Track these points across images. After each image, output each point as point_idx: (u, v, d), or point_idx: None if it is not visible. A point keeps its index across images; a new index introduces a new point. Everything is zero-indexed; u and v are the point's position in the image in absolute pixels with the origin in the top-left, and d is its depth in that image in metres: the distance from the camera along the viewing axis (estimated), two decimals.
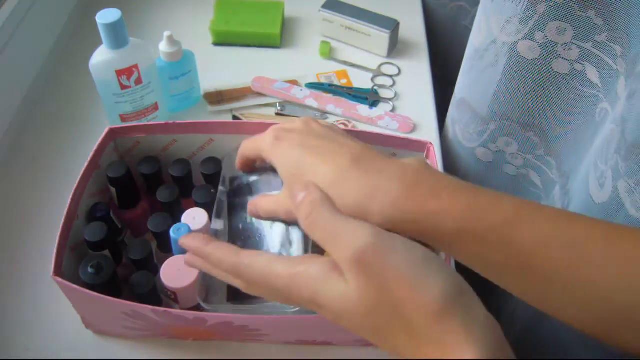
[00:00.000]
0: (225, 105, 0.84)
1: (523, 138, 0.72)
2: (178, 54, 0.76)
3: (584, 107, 0.63)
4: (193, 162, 0.65)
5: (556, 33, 0.59)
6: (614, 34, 0.55)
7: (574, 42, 0.59)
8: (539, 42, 0.61)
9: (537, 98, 0.66)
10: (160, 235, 0.59)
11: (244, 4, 0.97)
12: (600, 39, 0.57)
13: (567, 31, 0.59)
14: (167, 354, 0.59)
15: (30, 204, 0.71)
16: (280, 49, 0.95)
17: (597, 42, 0.58)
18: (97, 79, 0.70)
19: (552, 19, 0.58)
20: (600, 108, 0.60)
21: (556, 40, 0.60)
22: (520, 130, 0.71)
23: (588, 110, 0.63)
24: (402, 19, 0.93)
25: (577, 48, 0.60)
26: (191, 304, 0.57)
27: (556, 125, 0.68)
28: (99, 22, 0.65)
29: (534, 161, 0.74)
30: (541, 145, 0.71)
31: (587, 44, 0.59)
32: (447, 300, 0.31)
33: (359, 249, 0.32)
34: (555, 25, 0.59)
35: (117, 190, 0.63)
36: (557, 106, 0.66)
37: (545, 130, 0.69)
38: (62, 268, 0.53)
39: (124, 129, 0.64)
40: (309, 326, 0.56)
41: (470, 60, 0.74)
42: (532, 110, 0.68)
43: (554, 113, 0.67)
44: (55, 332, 0.60)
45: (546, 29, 0.60)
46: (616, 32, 0.55)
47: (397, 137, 0.63)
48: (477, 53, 0.71)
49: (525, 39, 0.61)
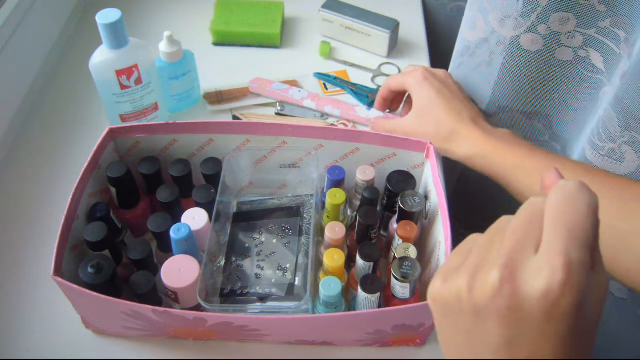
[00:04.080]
0: (225, 105, 0.84)
1: (527, 126, 0.72)
2: (178, 54, 0.76)
3: (588, 91, 0.63)
4: (193, 162, 0.65)
5: (559, 23, 0.60)
6: (618, 19, 0.56)
7: (577, 30, 0.60)
8: (542, 34, 0.61)
9: (541, 86, 0.67)
10: (160, 235, 0.59)
11: (244, 4, 0.97)
12: (604, 24, 0.58)
13: (570, 20, 0.59)
14: (167, 354, 0.59)
15: (30, 204, 0.71)
16: (280, 49, 0.95)
17: (600, 28, 0.58)
18: (97, 79, 0.70)
19: (556, 10, 0.59)
20: (603, 92, 0.60)
21: (559, 30, 0.60)
22: (524, 119, 0.71)
23: (592, 95, 0.63)
24: (402, 19, 0.93)
25: (580, 35, 0.60)
26: (191, 304, 0.57)
27: (560, 111, 0.68)
28: (99, 22, 0.65)
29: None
30: (545, 132, 0.71)
31: (590, 30, 0.59)
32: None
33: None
34: (558, 16, 0.59)
35: (117, 190, 0.63)
36: (561, 93, 0.66)
37: (550, 117, 0.69)
38: (62, 268, 0.53)
39: (124, 129, 0.64)
40: (309, 326, 0.56)
41: (460, 57, 0.74)
42: (536, 99, 0.68)
43: (559, 99, 0.67)
44: (55, 332, 0.60)
45: (549, 21, 0.60)
46: (619, 18, 0.56)
47: (397, 137, 0.63)
48: (469, 50, 0.71)
49: (528, 32, 0.62)
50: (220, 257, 0.62)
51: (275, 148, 0.65)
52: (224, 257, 0.62)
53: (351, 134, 0.64)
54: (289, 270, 0.60)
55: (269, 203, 0.67)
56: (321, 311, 0.57)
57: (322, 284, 0.55)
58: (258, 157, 0.66)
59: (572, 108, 0.66)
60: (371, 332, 0.56)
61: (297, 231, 0.63)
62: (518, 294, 0.27)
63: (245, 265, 0.61)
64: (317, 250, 0.61)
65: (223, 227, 0.64)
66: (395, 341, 0.59)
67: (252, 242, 0.63)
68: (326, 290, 0.54)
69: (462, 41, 0.73)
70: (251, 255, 0.62)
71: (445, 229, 0.55)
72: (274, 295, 0.58)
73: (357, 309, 0.58)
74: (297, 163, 0.66)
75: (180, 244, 0.57)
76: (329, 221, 0.61)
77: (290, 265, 0.60)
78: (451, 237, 0.54)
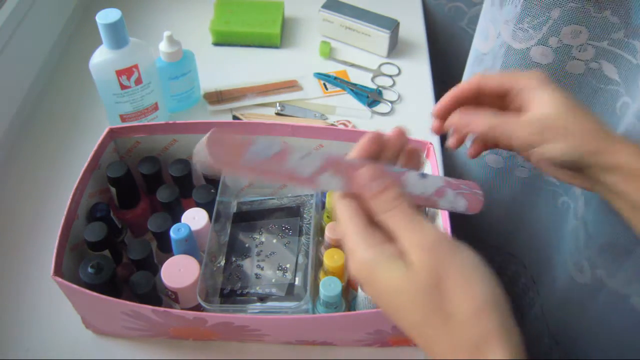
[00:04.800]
0: (225, 105, 0.84)
1: None
2: (178, 54, 0.76)
3: (603, 102, 0.63)
4: (193, 162, 0.65)
5: (571, 36, 0.59)
6: (632, 30, 0.55)
7: (590, 43, 0.59)
8: (553, 47, 0.60)
9: None
10: (160, 235, 0.59)
11: (244, 4, 0.97)
12: (617, 36, 0.57)
13: (582, 33, 0.58)
14: (167, 354, 0.59)
15: (30, 204, 0.71)
16: (280, 49, 0.95)
17: (613, 40, 0.57)
18: (97, 79, 0.70)
19: (567, 23, 0.58)
20: (622, 102, 0.60)
21: (571, 43, 0.59)
22: None
23: (608, 106, 0.62)
24: (402, 19, 0.93)
25: (592, 48, 0.59)
26: (191, 304, 0.57)
27: None
28: (99, 22, 0.65)
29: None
30: None
31: (602, 43, 0.58)
32: (488, 301, 0.36)
33: (431, 241, 0.37)
34: (570, 29, 0.58)
35: (117, 190, 0.63)
36: None
37: None
38: (62, 268, 0.53)
39: (124, 129, 0.64)
40: (309, 326, 0.56)
41: (472, 67, 0.73)
42: None
43: None
44: (55, 332, 0.60)
45: (561, 34, 0.59)
46: (634, 29, 0.55)
47: None
48: (481, 61, 0.70)
49: (539, 45, 0.61)
50: (220, 257, 0.62)
51: None
52: (224, 257, 0.62)
53: (351, 134, 0.64)
54: (289, 270, 0.60)
55: (269, 203, 0.67)
56: (321, 311, 0.57)
57: (322, 284, 0.55)
58: None
59: None
60: (371, 332, 0.56)
61: (297, 231, 0.63)
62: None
63: (245, 265, 0.61)
64: (317, 250, 0.61)
65: (223, 227, 0.64)
66: (395, 341, 0.59)
67: (252, 242, 0.63)
68: (326, 290, 0.54)
69: (475, 51, 0.72)
70: (251, 255, 0.62)
71: (445, 229, 0.55)
72: (274, 295, 0.58)
73: (357, 309, 0.58)
74: None
75: (180, 244, 0.57)
76: (329, 221, 0.61)
77: (290, 265, 0.60)
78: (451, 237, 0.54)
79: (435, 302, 0.36)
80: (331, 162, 0.40)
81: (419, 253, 0.37)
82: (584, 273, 0.65)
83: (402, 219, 0.38)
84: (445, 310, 0.36)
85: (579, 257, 0.65)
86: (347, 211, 0.40)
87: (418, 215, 0.39)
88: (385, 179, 0.40)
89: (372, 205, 0.40)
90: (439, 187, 0.43)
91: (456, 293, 0.36)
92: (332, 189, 0.41)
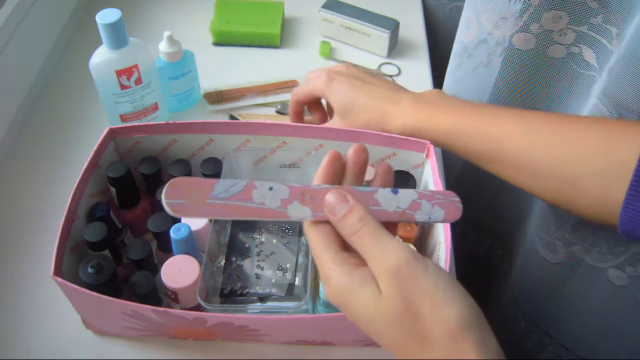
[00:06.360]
0: (225, 105, 0.84)
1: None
2: (178, 54, 0.76)
3: (581, 89, 0.63)
4: (193, 162, 0.65)
5: (552, 21, 0.60)
6: (610, 15, 0.56)
7: (570, 27, 0.60)
8: (535, 33, 0.61)
9: (535, 85, 0.67)
10: (160, 235, 0.59)
11: (244, 4, 0.97)
12: (596, 21, 0.58)
13: (563, 18, 0.59)
14: (167, 354, 0.59)
15: (30, 204, 0.71)
16: (280, 49, 0.95)
17: (592, 25, 0.58)
18: (97, 79, 0.70)
19: (548, 9, 0.59)
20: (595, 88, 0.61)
21: (552, 28, 0.60)
22: None
23: (584, 91, 0.63)
24: (402, 19, 0.93)
25: (572, 32, 0.60)
26: (191, 304, 0.57)
27: (554, 109, 0.68)
28: (99, 22, 0.65)
29: None
30: None
31: (582, 27, 0.59)
32: (463, 323, 0.35)
33: (396, 264, 0.37)
34: (550, 14, 0.59)
35: (117, 190, 0.63)
36: (556, 90, 0.66)
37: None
38: (62, 268, 0.53)
39: (124, 129, 0.64)
40: (309, 326, 0.56)
41: (459, 58, 0.74)
42: (532, 99, 0.68)
43: (554, 98, 0.67)
44: (55, 332, 0.60)
45: (542, 19, 0.60)
46: (612, 14, 0.56)
47: (396, 137, 0.63)
48: (466, 51, 0.71)
49: (521, 31, 0.62)
50: (220, 257, 0.62)
51: (275, 148, 0.65)
52: (224, 257, 0.62)
53: (351, 134, 0.64)
54: (289, 270, 0.60)
55: None
56: (321, 311, 0.57)
57: (322, 284, 0.55)
58: (258, 157, 0.66)
59: (569, 106, 0.66)
60: None
61: (297, 231, 0.63)
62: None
63: (245, 265, 0.61)
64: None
65: (223, 227, 0.64)
66: None
67: (252, 242, 0.63)
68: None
69: (459, 42, 0.73)
70: (251, 255, 0.62)
71: (445, 228, 0.55)
72: (274, 295, 0.58)
73: None
74: (297, 163, 0.66)
75: (180, 244, 0.57)
76: None
77: (290, 265, 0.60)
78: (451, 237, 0.54)
79: (408, 326, 0.36)
80: (295, 192, 0.40)
81: (386, 279, 0.37)
82: (556, 253, 0.65)
83: (369, 241, 0.38)
84: (420, 333, 0.36)
85: (549, 238, 0.66)
86: (318, 239, 0.40)
87: (384, 236, 0.38)
88: (349, 202, 0.39)
89: (339, 229, 0.40)
90: (413, 199, 0.42)
91: (427, 318, 0.36)
92: (304, 218, 0.40)
